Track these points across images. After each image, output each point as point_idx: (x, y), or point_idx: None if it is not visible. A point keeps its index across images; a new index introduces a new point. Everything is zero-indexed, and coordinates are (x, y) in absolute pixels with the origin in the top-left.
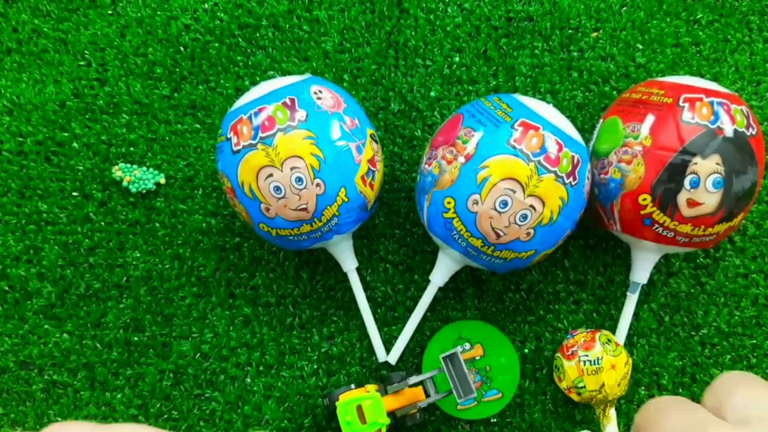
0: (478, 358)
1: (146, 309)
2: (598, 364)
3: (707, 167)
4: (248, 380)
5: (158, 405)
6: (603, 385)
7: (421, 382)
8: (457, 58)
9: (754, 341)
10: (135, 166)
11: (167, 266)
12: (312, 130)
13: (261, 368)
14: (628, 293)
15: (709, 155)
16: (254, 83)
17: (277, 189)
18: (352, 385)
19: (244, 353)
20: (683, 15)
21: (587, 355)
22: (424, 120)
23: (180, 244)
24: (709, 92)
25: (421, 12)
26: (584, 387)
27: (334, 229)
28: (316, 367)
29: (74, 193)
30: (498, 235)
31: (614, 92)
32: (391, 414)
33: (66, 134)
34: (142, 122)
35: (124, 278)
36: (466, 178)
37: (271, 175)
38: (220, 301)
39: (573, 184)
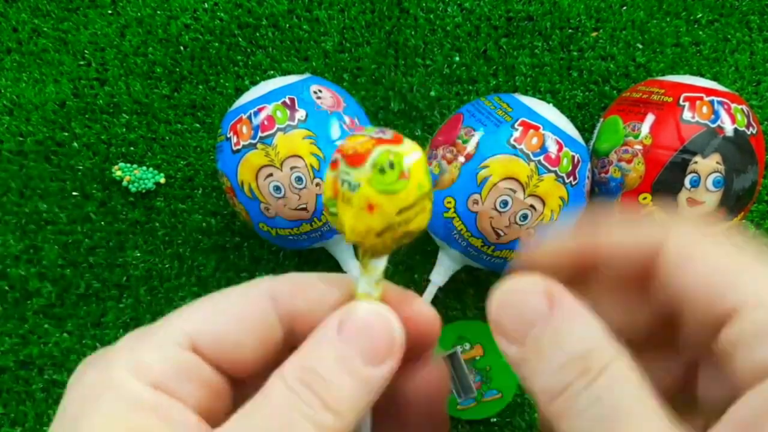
0: (478, 358)
1: (146, 309)
2: (353, 190)
3: (707, 166)
4: None
5: None
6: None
7: None
8: (457, 58)
9: None
10: (135, 166)
11: (167, 266)
12: (312, 130)
13: None
14: None
15: (710, 154)
16: (254, 83)
17: (277, 189)
18: None
19: None
20: (683, 15)
21: (348, 173)
22: (424, 120)
23: (180, 243)
24: (709, 91)
25: (421, 12)
26: (334, 214)
27: (334, 229)
28: None
29: (74, 193)
30: (498, 235)
31: (614, 92)
32: None
33: (66, 134)
34: (142, 122)
35: (124, 278)
36: (466, 178)
37: (270, 174)
38: None
39: (573, 183)
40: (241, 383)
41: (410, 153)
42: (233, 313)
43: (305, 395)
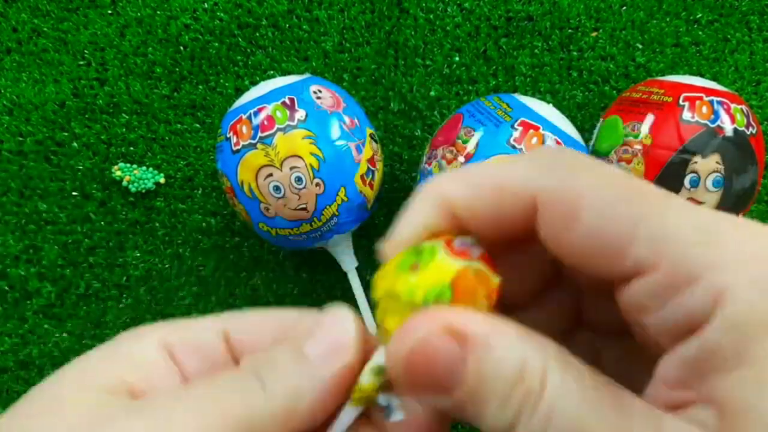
0: None
1: (146, 309)
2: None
3: (707, 166)
4: None
5: None
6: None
7: None
8: (457, 58)
9: None
10: (135, 166)
11: (167, 266)
12: (311, 130)
13: None
14: None
15: (709, 154)
16: (254, 83)
17: (277, 188)
18: None
19: None
20: (683, 15)
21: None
22: (424, 120)
23: (180, 243)
24: (709, 91)
25: (420, 12)
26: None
27: (333, 229)
28: None
29: (74, 193)
30: None
31: (614, 92)
32: None
33: (66, 134)
34: (142, 122)
35: (124, 278)
36: None
37: (270, 174)
38: (219, 301)
39: None
40: None
41: (442, 272)
42: (269, 318)
43: (248, 375)
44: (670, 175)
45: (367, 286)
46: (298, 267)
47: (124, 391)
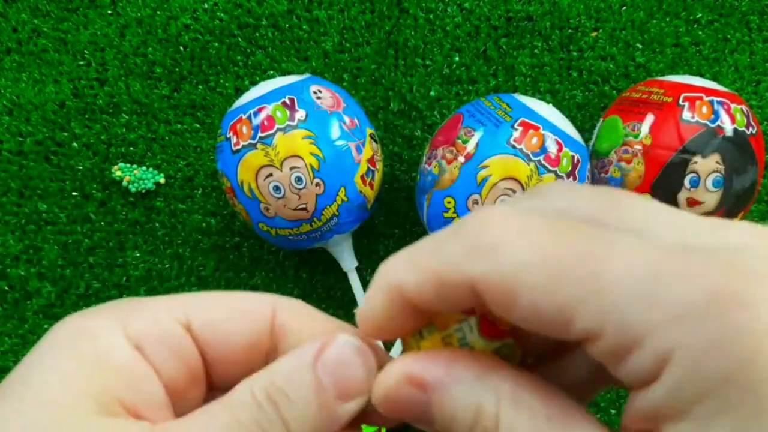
0: None
1: None
2: (461, 344)
3: (707, 166)
4: None
5: None
6: None
7: None
8: (457, 58)
9: None
10: (135, 166)
11: (167, 266)
12: (311, 130)
13: None
14: None
15: (709, 154)
16: (254, 83)
17: (277, 189)
18: None
19: None
20: (683, 15)
21: (472, 332)
22: (424, 120)
23: (180, 243)
24: (708, 91)
25: (420, 12)
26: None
27: (333, 229)
28: None
29: (74, 193)
30: None
31: (614, 92)
32: None
33: (66, 134)
34: (142, 122)
35: (124, 278)
36: (466, 178)
37: (270, 174)
38: None
39: None
40: (212, 385)
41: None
42: (233, 306)
43: (270, 412)
44: (670, 175)
45: (367, 286)
46: (298, 267)
47: (120, 410)
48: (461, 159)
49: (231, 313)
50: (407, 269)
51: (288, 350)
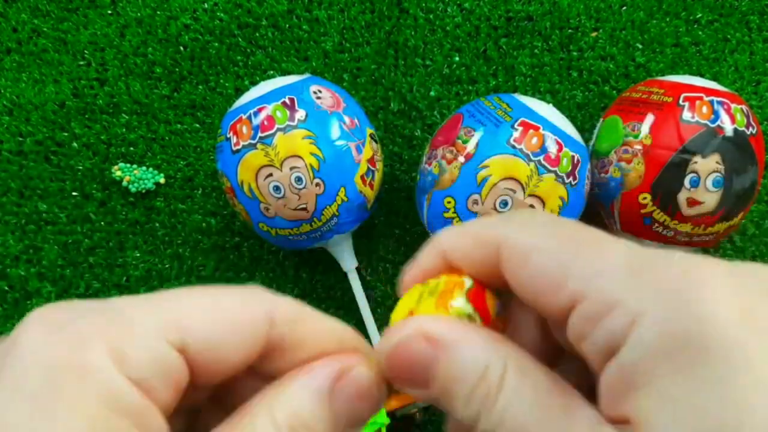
0: None
1: None
2: None
3: (707, 166)
4: None
5: None
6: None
7: None
8: (457, 58)
9: None
10: (135, 166)
11: (167, 266)
12: (311, 130)
13: None
14: None
15: (709, 154)
16: (254, 83)
17: (277, 189)
18: None
19: None
20: (683, 15)
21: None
22: (424, 120)
23: (180, 243)
24: (708, 91)
25: (420, 12)
26: None
27: (333, 229)
28: None
29: (74, 193)
30: None
31: (614, 92)
32: (391, 414)
33: (66, 134)
34: (142, 122)
35: (124, 278)
36: (466, 178)
37: (270, 174)
38: None
39: (573, 183)
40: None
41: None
42: (229, 320)
43: None
44: (670, 175)
45: (367, 286)
46: (298, 267)
47: None
48: (461, 159)
49: (227, 331)
50: (452, 235)
51: (284, 360)
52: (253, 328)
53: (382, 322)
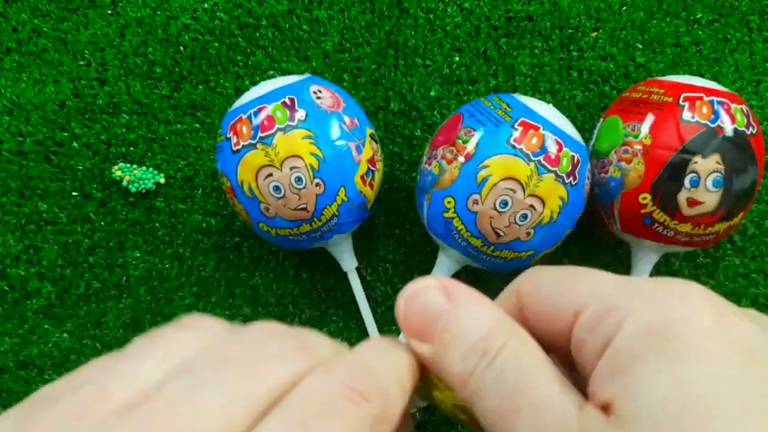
0: None
1: (146, 309)
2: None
3: (707, 166)
4: None
5: None
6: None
7: None
8: (457, 58)
9: None
10: (135, 166)
11: (167, 266)
12: (311, 130)
13: None
14: None
15: (709, 154)
16: (254, 83)
17: (277, 189)
18: None
19: None
20: (683, 15)
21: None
22: (424, 120)
23: (180, 243)
24: (709, 91)
25: (420, 12)
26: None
27: (333, 229)
28: None
29: (74, 193)
30: (498, 235)
31: (614, 92)
32: None
33: (66, 134)
34: (142, 122)
35: (124, 278)
36: (466, 178)
37: (270, 174)
38: (220, 301)
39: (573, 183)
40: None
41: None
42: None
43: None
44: (670, 175)
45: (367, 286)
46: (298, 267)
47: None
48: (461, 159)
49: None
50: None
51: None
52: None
53: (382, 323)
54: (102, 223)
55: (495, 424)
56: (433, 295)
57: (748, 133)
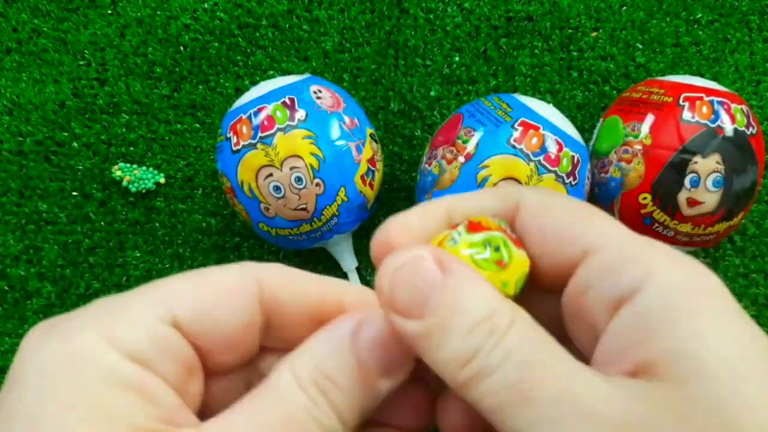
0: None
1: None
2: (453, 244)
3: (707, 166)
4: None
5: None
6: None
7: None
8: (457, 58)
9: None
10: (135, 166)
11: (167, 266)
12: (311, 130)
13: None
14: None
15: (709, 154)
16: (254, 83)
17: (277, 189)
18: None
19: None
20: (683, 15)
21: (460, 234)
22: (424, 120)
23: (180, 243)
24: (709, 91)
25: (420, 12)
26: None
27: (333, 229)
28: None
29: (74, 193)
30: None
31: (614, 92)
32: None
33: (66, 134)
34: (142, 122)
35: (124, 278)
36: (466, 178)
37: (270, 174)
38: None
39: (573, 183)
40: (210, 371)
41: (521, 263)
42: (217, 290)
43: (320, 402)
44: (670, 175)
45: (367, 286)
46: (298, 267)
47: (162, 426)
48: (461, 159)
49: (216, 299)
50: (458, 195)
51: (287, 324)
52: (241, 292)
53: None
54: (102, 223)
55: (506, 403)
56: (427, 264)
57: (748, 133)
